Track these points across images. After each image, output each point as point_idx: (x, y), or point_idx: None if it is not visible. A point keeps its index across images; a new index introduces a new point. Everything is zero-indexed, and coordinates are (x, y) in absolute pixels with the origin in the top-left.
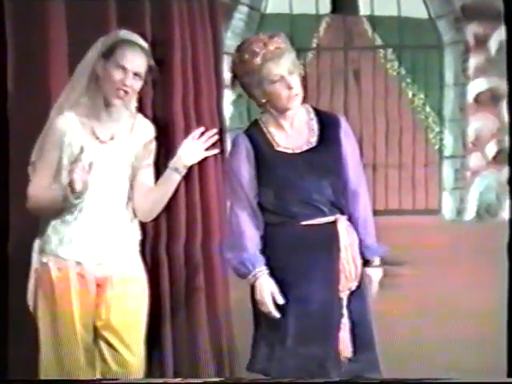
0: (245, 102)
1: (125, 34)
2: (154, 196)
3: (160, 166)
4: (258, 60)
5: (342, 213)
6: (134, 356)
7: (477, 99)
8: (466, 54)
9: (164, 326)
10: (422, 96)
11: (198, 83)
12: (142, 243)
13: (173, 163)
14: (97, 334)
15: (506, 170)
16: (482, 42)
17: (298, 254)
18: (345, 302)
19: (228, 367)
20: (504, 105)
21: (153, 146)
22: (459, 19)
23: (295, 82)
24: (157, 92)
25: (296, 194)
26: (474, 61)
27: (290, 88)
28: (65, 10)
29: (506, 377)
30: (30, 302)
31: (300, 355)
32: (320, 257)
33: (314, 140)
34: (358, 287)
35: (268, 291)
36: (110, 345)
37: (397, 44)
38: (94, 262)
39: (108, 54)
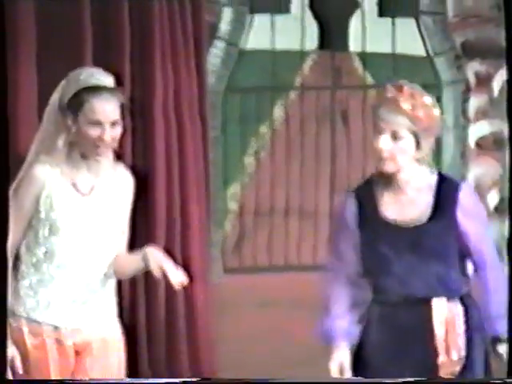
0: None
1: (86, 77)
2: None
3: (137, 221)
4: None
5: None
6: None
7: (478, 143)
8: (466, 95)
9: None
10: None
11: (182, 125)
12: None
13: (144, 259)
14: None
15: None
16: (484, 81)
17: (384, 336)
18: None
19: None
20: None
21: (130, 200)
22: (460, 57)
23: None
24: (136, 138)
25: (390, 277)
26: (475, 102)
27: None
28: (36, 42)
29: (506, 377)
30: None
31: None
32: (408, 341)
33: (426, 214)
34: (464, 369)
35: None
36: None
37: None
38: (73, 326)
39: (74, 107)
